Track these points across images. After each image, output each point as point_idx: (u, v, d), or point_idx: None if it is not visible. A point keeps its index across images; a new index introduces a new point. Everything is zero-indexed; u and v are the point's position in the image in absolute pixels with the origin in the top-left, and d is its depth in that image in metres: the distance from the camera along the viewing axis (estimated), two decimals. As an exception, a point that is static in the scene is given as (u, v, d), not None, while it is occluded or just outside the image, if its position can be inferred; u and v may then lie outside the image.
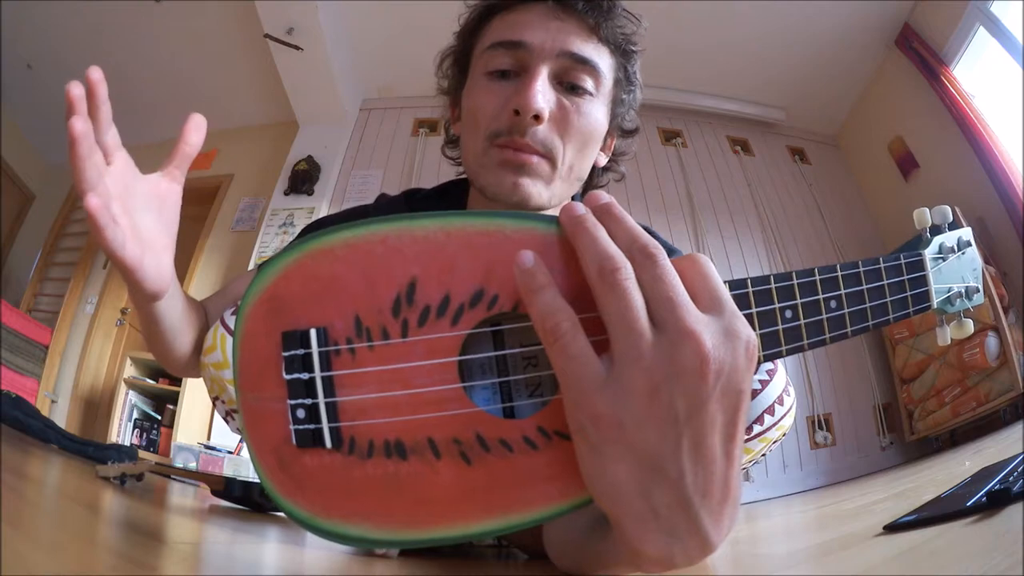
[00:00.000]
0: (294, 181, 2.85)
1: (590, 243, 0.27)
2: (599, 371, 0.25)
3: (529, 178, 0.54)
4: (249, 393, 0.32)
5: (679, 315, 0.25)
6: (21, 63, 2.94)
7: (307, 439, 0.31)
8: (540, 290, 0.27)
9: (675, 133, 3.30)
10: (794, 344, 0.33)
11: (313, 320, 0.31)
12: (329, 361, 0.31)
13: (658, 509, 0.26)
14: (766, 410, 0.64)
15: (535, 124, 0.53)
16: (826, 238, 3.09)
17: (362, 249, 0.30)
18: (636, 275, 0.26)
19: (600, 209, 0.28)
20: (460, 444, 0.30)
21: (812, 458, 2.57)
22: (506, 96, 0.55)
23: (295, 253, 0.31)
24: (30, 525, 0.44)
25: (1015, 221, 2.29)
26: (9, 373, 2.43)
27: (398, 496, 0.30)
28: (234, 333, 0.32)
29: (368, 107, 3.22)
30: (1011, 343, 2.10)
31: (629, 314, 0.25)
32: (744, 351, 0.26)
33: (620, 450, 0.25)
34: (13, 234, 3.33)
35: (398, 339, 0.30)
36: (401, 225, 0.30)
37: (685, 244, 2.92)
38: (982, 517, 0.50)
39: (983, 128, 2.44)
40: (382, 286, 0.30)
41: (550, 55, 0.54)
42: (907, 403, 2.58)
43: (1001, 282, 2.27)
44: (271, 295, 0.32)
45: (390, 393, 0.30)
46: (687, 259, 0.28)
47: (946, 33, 2.63)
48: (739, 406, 0.26)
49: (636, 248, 0.27)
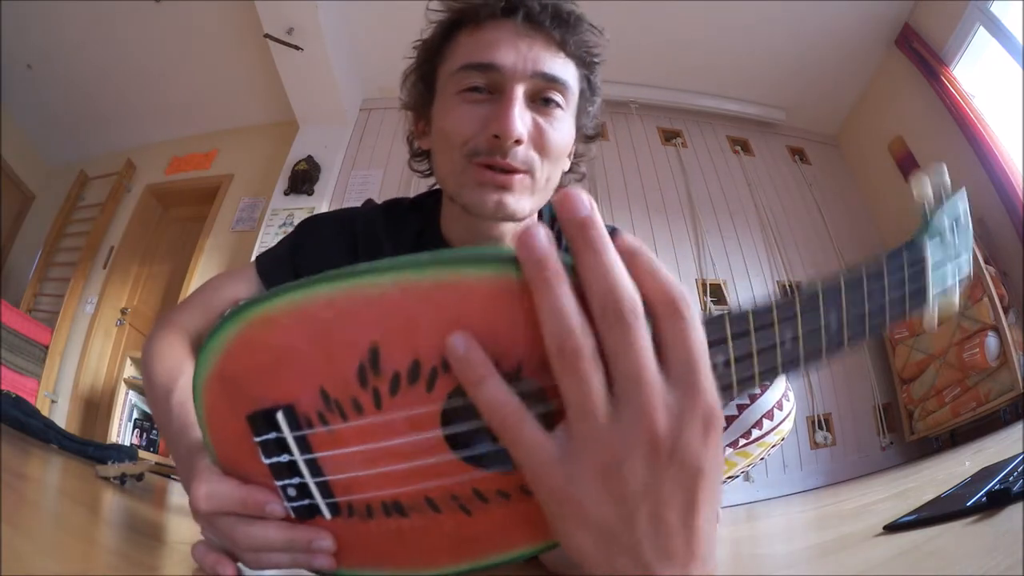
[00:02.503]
0: (294, 181, 2.85)
1: (549, 311, 0.23)
2: (552, 452, 0.25)
3: (512, 195, 0.55)
4: (232, 470, 0.31)
5: (639, 393, 0.23)
6: (21, 63, 2.94)
7: (305, 514, 0.31)
8: (479, 383, 0.25)
9: (675, 133, 3.30)
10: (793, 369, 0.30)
11: (276, 397, 0.28)
12: (308, 442, 0.29)
13: (619, 571, 0.26)
14: (765, 415, 0.64)
15: (515, 147, 0.54)
16: (826, 238, 3.09)
17: (309, 316, 0.27)
18: (602, 340, 0.24)
19: (574, 231, 0.24)
20: (458, 499, 0.30)
21: (812, 458, 2.57)
22: (482, 117, 0.55)
23: (235, 324, 0.28)
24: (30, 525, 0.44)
25: (1015, 221, 2.29)
26: (9, 373, 2.43)
27: (404, 544, 0.31)
28: (196, 410, 0.30)
29: (368, 107, 3.22)
30: (1011, 343, 2.10)
31: (585, 399, 0.24)
32: (705, 429, 0.25)
33: (578, 523, 0.26)
34: (13, 234, 3.32)
35: (373, 412, 0.28)
36: (349, 284, 0.26)
37: (685, 244, 2.92)
38: (982, 517, 0.50)
39: (983, 128, 2.44)
40: (341, 356, 0.27)
41: (523, 76, 0.54)
42: (907, 403, 2.58)
43: (1001, 282, 2.27)
44: (221, 374, 0.29)
45: (380, 469, 0.29)
46: (672, 313, 0.24)
47: (946, 33, 2.63)
48: (697, 483, 0.25)
49: (609, 310, 0.23)
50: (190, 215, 3.17)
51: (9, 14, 2.65)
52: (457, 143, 0.56)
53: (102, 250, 3.09)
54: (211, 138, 3.27)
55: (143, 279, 3.18)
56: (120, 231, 3.11)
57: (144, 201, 3.18)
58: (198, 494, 0.31)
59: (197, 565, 0.34)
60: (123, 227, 3.12)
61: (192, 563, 0.35)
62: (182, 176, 3.19)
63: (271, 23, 2.59)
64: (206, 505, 0.31)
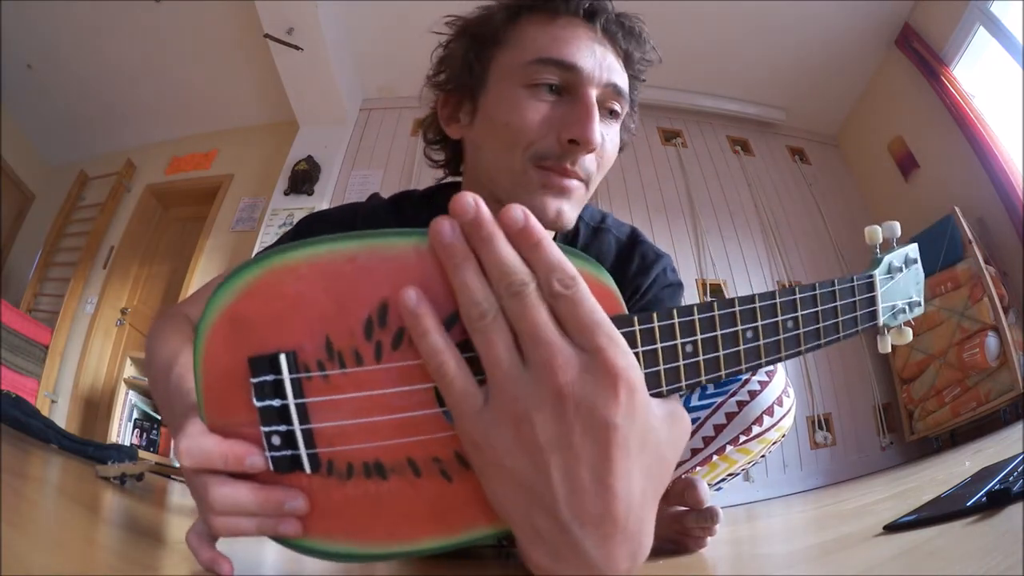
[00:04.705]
0: (294, 181, 2.85)
1: (459, 287, 0.27)
2: (477, 401, 0.28)
3: (569, 203, 0.55)
4: (218, 419, 0.31)
5: (540, 351, 0.26)
6: (21, 63, 2.94)
7: (285, 465, 0.31)
8: (424, 335, 0.28)
9: (675, 133, 3.30)
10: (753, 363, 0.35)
11: (280, 342, 0.29)
12: (301, 387, 0.30)
13: (540, 531, 0.28)
14: (765, 411, 0.64)
15: (588, 155, 0.54)
16: (826, 238, 3.09)
17: (329, 268, 0.29)
18: (505, 312, 0.27)
19: (469, 230, 0.27)
20: (440, 463, 0.30)
21: (812, 458, 2.57)
22: (555, 118, 0.53)
23: (256, 269, 0.29)
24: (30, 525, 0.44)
25: (1015, 221, 2.29)
26: (9, 373, 2.43)
27: (380, 513, 0.30)
28: (194, 356, 0.30)
29: (368, 107, 3.22)
30: (1011, 343, 2.10)
31: (492, 353, 0.27)
32: (612, 385, 0.26)
33: (498, 473, 0.28)
34: (13, 234, 3.32)
35: (372, 363, 0.29)
36: (370, 243, 0.29)
37: (685, 244, 2.92)
38: (982, 517, 0.50)
39: (983, 128, 2.44)
40: (352, 307, 0.29)
41: (599, 84, 0.54)
42: (907, 403, 2.58)
43: (1001, 282, 2.27)
44: (232, 315, 0.29)
45: (367, 419, 0.30)
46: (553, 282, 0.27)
47: (946, 33, 2.63)
48: (609, 439, 0.26)
49: (502, 285, 0.27)
50: (190, 215, 3.17)
51: (9, 14, 2.65)
52: (522, 142, 0.53)
53: (102, 250, 3.09)
54: (211, 138, 3.27)
55: (143, 279, 3.18)
56: (120, 231, 3.11)
57: (144, 201, 3.18)
58: (180, 449, 0.31)
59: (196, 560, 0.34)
60: (123, 227, 3.11)
61: (192, 563, 0.35)
62: (182, 176, 3.19)
63: (271, 23, 2.59)
64: (188, 460, 0.31)
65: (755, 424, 0.64)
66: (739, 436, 0.64)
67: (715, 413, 0.64)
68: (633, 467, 0.27)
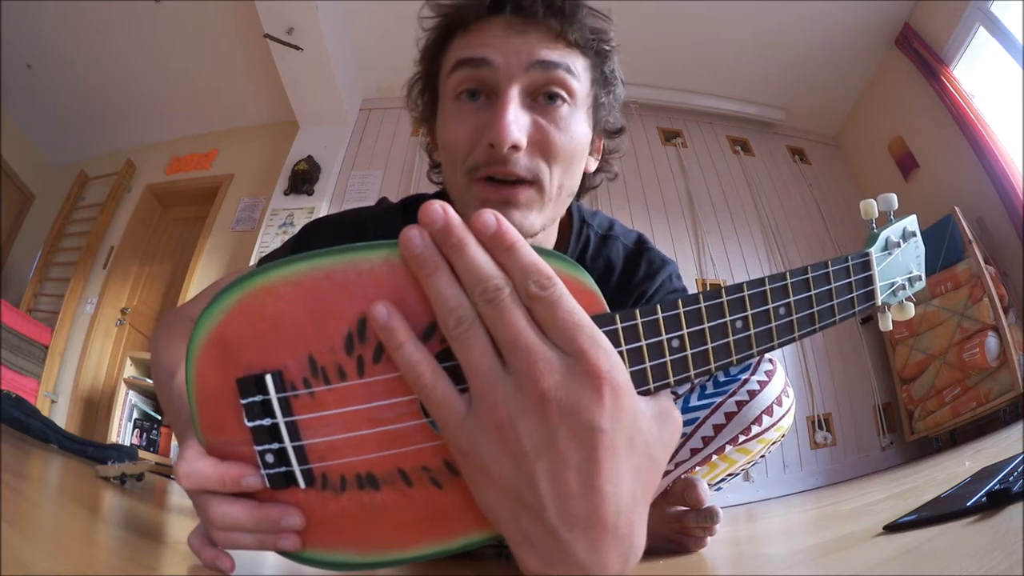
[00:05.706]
0: (294, 181, 2.85)
1: (433, 296, 0.27)
2: (460, 409, 0.28)
3: (518, 211, 0.52)
4: (214, 439, 0.32)
5: (519, 356, 0.26)
6: (21, 63, 2.94)
7: (280, 482, 0.31)
8: (399, 347, 0.28)
9: (675, 133, 3.30)
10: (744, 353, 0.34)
11: (266, 363, 0.30)
12: (290, 405, 0.30)
13: (530, 536, 0.28)
14: (764, 411, 0.64)
15: (514, 153, 0.50)
16: (826, 238, 3.09)
17: (307, 286, 0.29)
18: (483, 319, 0.27)
19: (439, 238, 0.27)
20: (430, 471, 0.31)
21: (812, 458, 2.57)
22: (478, 125, 0.52)
23: (237, 291, 0.30)
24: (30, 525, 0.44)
25: (1015, 221, 2.29)
26: (9, 373, 2.43)
27: (376, 523, 0.31)
28: (187, 379, 0.31)
29: (368, 107, 3.21)
30: (1011, 343, 2.10)
31: (472, 361, 0.27)
32: (596, 388, 0.26)
33: (485, 479, 0.28)
34: (13, 234, 3.32)
35: (355, 378, 0.30)
36: (344, 258, 0.29)
37: (685, 244, 2.92)
38: (982, 517, 0.50)
39: (983, 128, 2.44)
40: (332, 324, 0.29)
41: (519, 71, 0.51)
42: (907, 403, 2.58)
43: (1001, 282, 2.27)
44: (217, 338, 0.30)
45: (355, 433, 0.30)
46: (528, 285, 0.27)
47: (946, 33, 2.63)
48: (596, 442, 0.26)
49: (477, 292, 0.27)
50: (190, 215, 3.17)
51: (9, 14, 2.65)
52: (459, 157, 0.53)
53: (102, 250, 3.09)
54: (211, 138, 3.27)
55: (143, 279, 3.18)
56: (120, 231, 3.11)
57: (144, 201, 3.18)
58: (178, 473, 0.32)
59: (196, 560, 0.34)
60: (123, 227, 3.12)
61: (192, 563, 0.35)
62: (182, 176, 3.19)
63: (271, 23, 2.59)
64: (187, 484, 0.32)
65: (754, 424, 0.63)
66: (738, 436, 0.64)
67: (714, 413, 0.64)
68: (621, 469, 0.27)
